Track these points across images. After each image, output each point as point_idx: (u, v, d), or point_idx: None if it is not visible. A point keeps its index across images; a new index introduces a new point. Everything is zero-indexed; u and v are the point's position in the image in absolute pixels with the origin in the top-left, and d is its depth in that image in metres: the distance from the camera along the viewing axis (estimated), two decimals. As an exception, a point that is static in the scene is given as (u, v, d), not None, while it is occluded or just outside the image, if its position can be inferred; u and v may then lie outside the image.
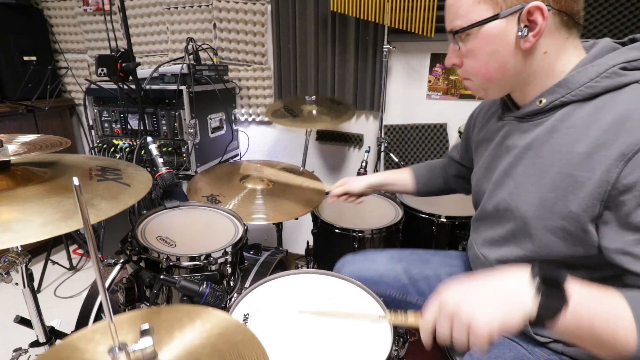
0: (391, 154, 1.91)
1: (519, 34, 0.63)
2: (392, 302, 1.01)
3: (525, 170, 0.71)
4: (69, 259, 2.27)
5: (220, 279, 1.02)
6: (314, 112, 1.81)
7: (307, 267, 1.63)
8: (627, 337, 0.51)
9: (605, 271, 0.65)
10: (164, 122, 1.79)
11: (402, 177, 1.21)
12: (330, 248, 1.42)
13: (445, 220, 1.38)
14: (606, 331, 0.52)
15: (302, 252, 2.03)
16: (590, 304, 0.52)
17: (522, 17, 0.63)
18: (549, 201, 0.65)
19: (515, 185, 0.72)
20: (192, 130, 1.75)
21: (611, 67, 0.61)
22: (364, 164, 1.65)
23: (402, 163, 1.70)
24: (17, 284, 0.88)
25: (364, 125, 2.08)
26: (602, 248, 0.61)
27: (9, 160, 0.83)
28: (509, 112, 0.79)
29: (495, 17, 0.64)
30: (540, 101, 0.68)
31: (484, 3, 0.65)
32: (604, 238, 0.60)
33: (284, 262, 1.54)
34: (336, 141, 2.14)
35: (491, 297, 0.53)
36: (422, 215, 1.41)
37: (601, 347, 0.53)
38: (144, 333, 0.53)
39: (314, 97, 1.85)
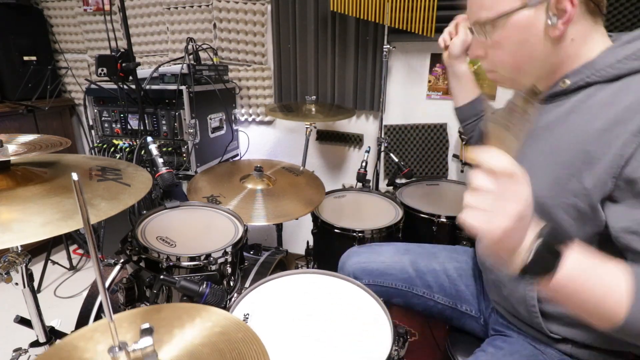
0: (391, 154, 1.91)
1: (549, 22, 0.63)
2: (398, 294, 1.02)
3: (540, 150, 0.71)
4: (69, 259, 2.27)
5: (220, 279, 1.02)
6: (313, 110, 1.81)
7: (307, 267, 1.63)
8: (616, 308, 0.51)
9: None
10: (164, 122, 1.79)
11: None
12: (330, 248, 1.42)
13: (445, 220, 1.37)
14: (594, 297, 0.52)
15: (302, 252, 2.03)
16: (583, 275, 0.52)
17: (551, 6, 0.63)
18: (562, 178, 0.65)
19: (530, 166, 0.71)
20: (192, 130, 1.75)
21: (639, 50, 0.61)
22: (364, 164, 1.65)
23: (402, 163, 1.70)
24: (17, 284, 0.88)
25: (364, 125, 2.08)
26: (609, 228, 0.61)
27: (9, 160, 0.83)
28: (533, 96, 0.78)
29: (523, 7, 0.64)
30: (564, 82, 0.68)
31: None
32: (611, 216, 0.60)
33: (284, 262, 1.54)
34: (336, 141, 2.14)
35: (520, 223, 0.52)
36: (422, 215, 1.41)
37: (589, 315, 0.54)
38: (144, 332, 0.53)
39: (314, 97, 1.85)
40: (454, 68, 1.10)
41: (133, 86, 1.58)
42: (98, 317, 1.24)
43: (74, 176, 0.40)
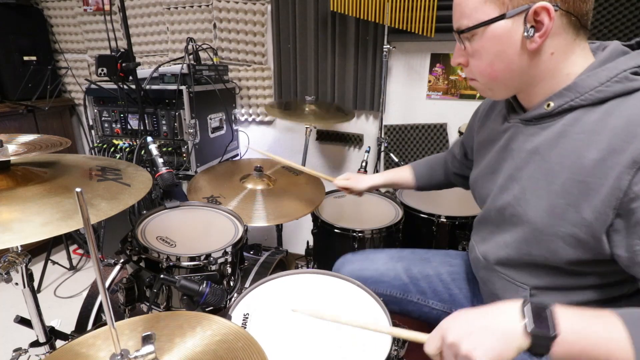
0: (391, 154, 1.91)
1: (525, 34, 0.63)
2: (393, 301, 1.02)
3: (532, 175, 0.69)
4: (69, 259, 2.27)
5: (220, 279, 1.02)
6: (313, 108, 1.80)
7: (307, 267, 1.63)
8: (623, 358, 0.51)
9: (617, 276, 0.65)
10: (164, 122, 1.79)
11: (404, 176, 1.22)
12: (330, 248, 1.42)
13: (445, 220, 1.38)
14: (601, 355, 0.52)
15: (302, 252, 2.03)
16: (582, 332, 0.53)
17: (529, 18, 0.62)
18: (559, 207, 0.64)
19: (521, 190, 0.71)
20: (192, 130, 1.75)
21: (622, 72, 0.60)
22: (364, 164, 1.65)
23: (402, 163, 1.70)
24: (17, 284, 0.87)
25: (364, 125, 2.08)
26: (615, 256, 0.60)
27: (9, 160, 0.83)
28: (515, 114, 0.77)
29: (501, 17, 0.63)
30: (549, 105, 0.67)
31: (490, 3, 0.64)
32: (617, 246, 0.59)
33: (284, 262, 1.54)
34: (336, 141, 2.14)
35: (489, 333, 0.56)
36: (422, 215, 1.41)
37: None
38: (145, 340, 0.53)
39: (313, 97, 1.85)
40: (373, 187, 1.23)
41: (133, 86, 1.58)
42: (98, 317, 1.24)
43: (78, 189, 0.41)
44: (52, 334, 1.02)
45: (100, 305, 1.26)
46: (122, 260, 1.06)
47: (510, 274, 0.76)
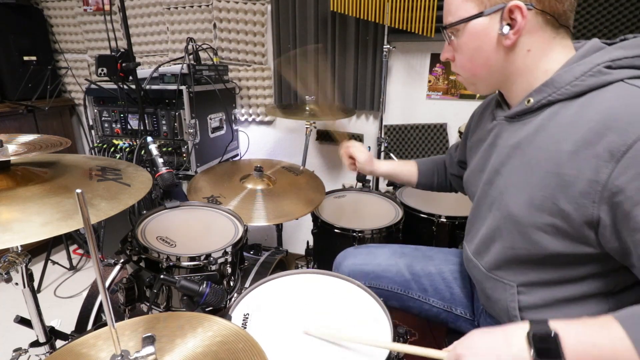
0: (391, 154, 1.91)
1: (500, 31, 0.67)
2: (394, 297, 1.02)
3: (513, 169, 0.71)
4: (69, 259, 2.27)
5: (220, 279, 1.02)
6: (314, 108, 1.81)
7: (307, 267, 1.63)
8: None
9: (601, 269, 0.65)
10: (164, 122, 1.79)
11: (408, 170, 1.22)
12: (330, 248, 1.42)
13: (445, 220, 1.38)
14: None
15: (302, 252, 2.03)
16: (587, 348, 0.53)
17: (504, 16, 0.66)
18: (537, 200, 0.65)
19: (504, 185, 0.73)
20: (192, 130, 1.75)
21: (596, 66, 0.62)
22: (364, 164, 1.65)
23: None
24: (17, 284, 0.87)
25: (364, 125, 2.08)
26: (609, 250, 0.61)
27: (9, 160, 0.83)
28: (501, 112, 0.80)
29: (479, 15, 0.69)
30: (529, 100, 0.70)
31: (471, 1, 0.69)
32: (608, 241, 0.59)
33: (284, 262, 1.54)
34: (336, 141, 2.14)
35: None
36: (422, 215, 1.41)
37: None
38: (146, 341, 0.53)
39: (314, 97, 1.85)
40: (376, 173, 1.21)
41: (133, 86, 1.58)
42: (98, 317, 1.24)
43: (78, 190, 0.41)
44: (52, 334, 1.02)
45: (100, 305, 1.26)
46: (122, 260, 1.06)
47: (496, 271, 0.77)
